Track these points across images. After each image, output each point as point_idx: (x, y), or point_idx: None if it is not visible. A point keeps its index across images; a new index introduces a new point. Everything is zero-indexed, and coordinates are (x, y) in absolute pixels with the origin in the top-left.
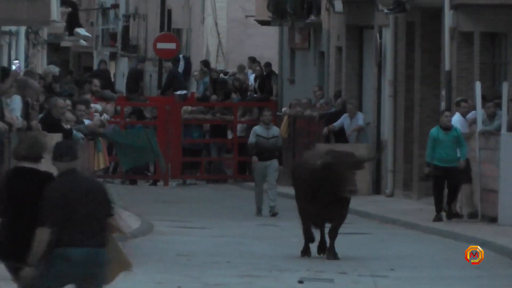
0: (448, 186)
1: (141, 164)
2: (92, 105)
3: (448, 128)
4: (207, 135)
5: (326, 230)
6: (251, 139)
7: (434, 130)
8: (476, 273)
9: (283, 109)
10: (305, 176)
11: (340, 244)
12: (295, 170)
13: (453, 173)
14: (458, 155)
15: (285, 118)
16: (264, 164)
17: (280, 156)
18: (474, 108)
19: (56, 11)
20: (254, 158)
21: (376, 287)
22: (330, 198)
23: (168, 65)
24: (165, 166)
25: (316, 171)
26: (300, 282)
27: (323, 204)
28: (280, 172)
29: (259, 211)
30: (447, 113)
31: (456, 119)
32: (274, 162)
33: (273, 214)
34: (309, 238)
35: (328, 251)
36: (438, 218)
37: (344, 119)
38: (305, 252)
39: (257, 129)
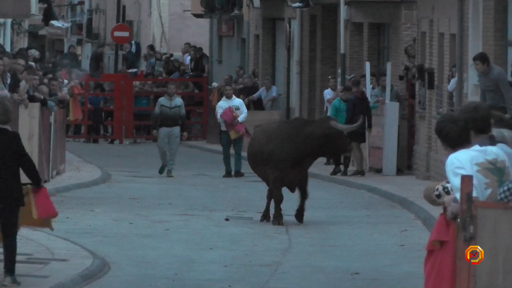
0: None
1: None
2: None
3: (346, 100)
4: (153, 103)
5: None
6: (156, 109)
7: (336, 101)
8: (365, 213)
9: (213, 84)
10: (295, 144)
11: (257, 193)
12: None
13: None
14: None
15: (215, 90)
16: (167, 130)
17: (183, 124)
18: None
19: (35, 7)
20: (154, 132)
21: (285, 222)
22: (310, 161)
23: (127, 46)
24: None
25: (321, 135)
26: (227, 219)
27: (299, 168)
28: (209, 130)
29: (163, 168)
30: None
31: (327, 92)
32: (176, 129)
33: (169, 175)
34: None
35: (299, 214)
36: (335, 172)
37: (261, 91)
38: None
39: (161, 100)
